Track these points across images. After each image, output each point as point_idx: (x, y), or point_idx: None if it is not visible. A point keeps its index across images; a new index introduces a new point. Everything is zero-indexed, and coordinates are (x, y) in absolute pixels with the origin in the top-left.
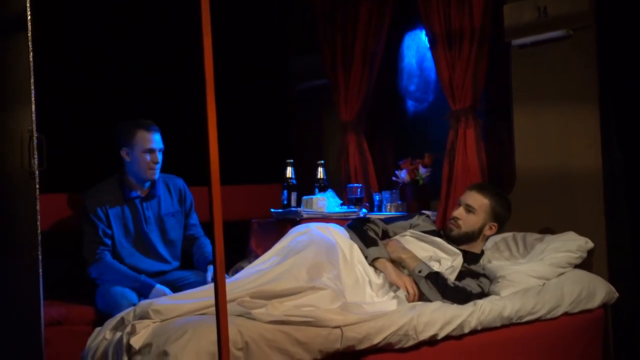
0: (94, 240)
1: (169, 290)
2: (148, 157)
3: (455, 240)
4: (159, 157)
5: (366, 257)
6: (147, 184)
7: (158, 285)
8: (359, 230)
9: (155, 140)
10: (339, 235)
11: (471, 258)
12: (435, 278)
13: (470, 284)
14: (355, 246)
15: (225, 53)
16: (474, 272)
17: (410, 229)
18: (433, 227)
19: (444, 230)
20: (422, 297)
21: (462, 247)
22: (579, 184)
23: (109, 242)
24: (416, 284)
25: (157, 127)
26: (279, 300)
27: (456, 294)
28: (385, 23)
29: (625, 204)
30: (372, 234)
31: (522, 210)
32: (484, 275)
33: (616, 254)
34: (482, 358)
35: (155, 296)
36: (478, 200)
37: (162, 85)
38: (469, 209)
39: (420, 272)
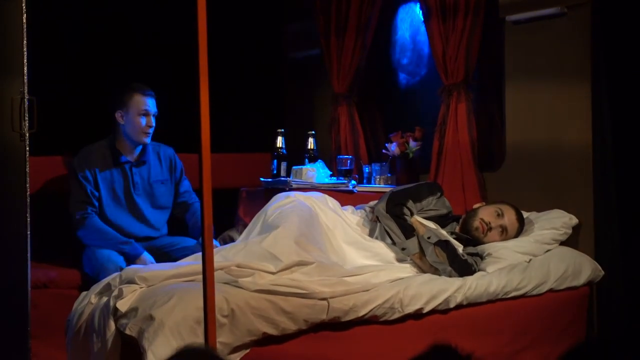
0: (81, 200)
1: (153, 260)
2: (143, 120)
3: (469, 234)
4: (153, 121)
5: (402, 249)
6: (138, 150)
7: (145, 254)
8: (399, 218)
9: (151, 104)
10: (319, 206)
11: (470, 241)
12: (445, 245)
13: (471, 261)
14: (337, 218)
15: (219, 20)
16: (471, 253)
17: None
18: (445, 211)
19: (465, 221)
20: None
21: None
22: (568, 161)
23: (96, 203)
24: (422, 252)
25: (153, 93)
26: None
27: (465, 267)
28: None
29: (614, 182)
30: (408, 220)
31: (512, 186)
32: (477, 254)
33: (603, 232)
34: (468, 332)
35: (140, 264)
36: (513, 230)
37: (154, 51)
38: (503, 231)
39: (429, 238)
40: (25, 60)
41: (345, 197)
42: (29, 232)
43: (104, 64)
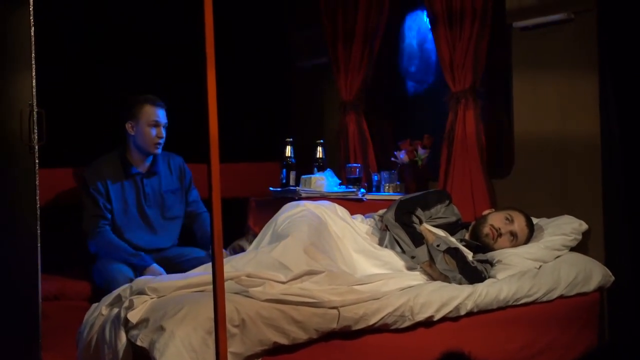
0: (94, 214)
1: (164, 271)
2: (154, 131)
3: (479, 240)
4: (163, 132)
5: (412, 257)
6: (149, 161)
7: (155, 265)
8: (408, 226)
9: (161, 115)
10: (329, 214)
11: (480, 248)
12: (455, 253)
13: (481, 268)
14: (347, 227)
15: (226, 29)
16: (481, 260)
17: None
18: (454, 218)
19: (475, 228)
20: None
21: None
22: (577, 167)
23: (109, 215)
24: (432, 259)
25: (163, 103)
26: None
27: (475, 274)
28: (386, 1)
29: (624, 187)
30: (417, 228)
31: (521, 192)
32: (487, 261)
33: (613, 237)
34: (478, 339)
35: (149, 275)
36: (523, 236)
37: (162, 61)
38: (513, 237)
39: (438, 246)
40: (34, 73)
41: (354, 206)
42: (39, 245)
43: (112, 74)
